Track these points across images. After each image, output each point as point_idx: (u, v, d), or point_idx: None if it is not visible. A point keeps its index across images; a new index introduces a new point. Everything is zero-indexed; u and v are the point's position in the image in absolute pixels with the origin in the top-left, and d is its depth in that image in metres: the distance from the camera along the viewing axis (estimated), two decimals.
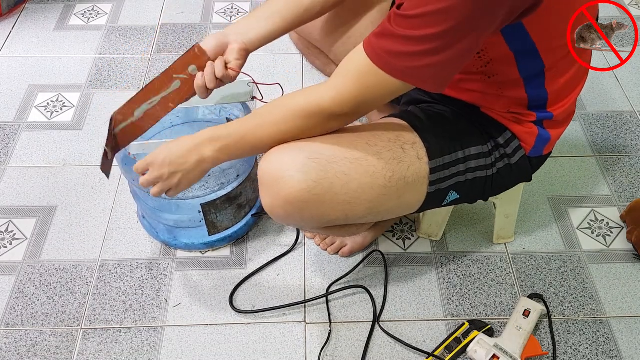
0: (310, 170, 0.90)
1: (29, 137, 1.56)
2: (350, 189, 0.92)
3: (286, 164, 0.91)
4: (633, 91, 1.72)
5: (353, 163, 0.92)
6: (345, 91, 0.87)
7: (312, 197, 0.91)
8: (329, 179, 0.91)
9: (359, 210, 0.95)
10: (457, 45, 0.79)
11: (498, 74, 0.95)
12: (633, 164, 1.51)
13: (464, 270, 1.28)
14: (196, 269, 1.28)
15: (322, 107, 0.89)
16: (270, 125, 0.93)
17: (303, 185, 0.90)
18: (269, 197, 0.93)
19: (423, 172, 0.97)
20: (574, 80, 0.99)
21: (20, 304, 1.22)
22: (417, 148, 0.97)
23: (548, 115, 1.00)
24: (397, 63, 0.82)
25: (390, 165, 0.94)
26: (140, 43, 1.85)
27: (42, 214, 1.38)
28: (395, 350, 1.15)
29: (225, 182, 1.20)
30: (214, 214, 1.24)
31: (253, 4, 2.02)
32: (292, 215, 0.94)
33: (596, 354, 1.15)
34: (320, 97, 0.89)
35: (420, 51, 0.79)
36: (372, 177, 0.93)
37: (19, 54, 1.80)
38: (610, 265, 1.30)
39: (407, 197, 0.98)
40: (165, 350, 1.15)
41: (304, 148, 0.92)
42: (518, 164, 1.04)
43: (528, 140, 1.03)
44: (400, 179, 0.95)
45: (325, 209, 0.93)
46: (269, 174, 0.92)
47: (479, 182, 1.03)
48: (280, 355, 1.14)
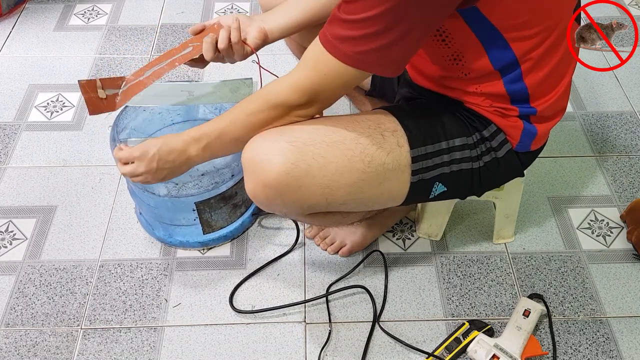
0: (288, 153, 0.91)
1: (29, 137, 1.56)
2: (327, 172, 0.93)
3: (266, 149, 0.93)
4: (633, 91, 1.72)
5: (330, 146, 0.93)
6: (301, 79, 0.90)
7: (290, 179, 0.92)
8: (306, 161, 0.92)
9: (338, 194, 0.96)
10: (399, 27, 0.80)
11: (473, 70, 0.96)
12: (633, 164, 1.51)
13: (464, 270, 1.28)
14: (196, 269, 1.28)
15: (280, 97, 0.92)
16: (242, 119, 0.96)
17: (282, 168, 0.91)
18: (251, 182, 0.95)
19: (404, 160, 0.97)
20: (555, 74, 0.98)
21: (20, 304, 1.22)
22: (397, 136, 0.98)
23: (531, 110, 1.00)
24: (345, 48, 0.84)
25: (369, 150, 0.95)
26: (140, 43, 1.85)
27: (42, 214, 1.38)
28: (395, 350, 1.15)
29: (219, 181, 1.21)
30: (208, 213, 1.24)
31: (253, 4, 2.02)
32: (273, 199, 0.96)
33: (596, 354, 1.15)
34: (279, 87, 0.93)
35: (363, 35, 0.81)
36: (349, 161, 0.94)
37: (19, 54, 1.81)
38: (610, 265, 1.30)
39: (388, 184, 0.99)
40: (165, 350, 1.15)
41: (284, 133, 0.94)
42: (505, 158, 1.04)
43: (513, 135, 1.03)
44: (379, 165, 0.95)
45: (304, 192, 0.94)
46: (250, 159, 0.95)
47: (465, 174, 1.03)
48: (280, 355, 1.14)
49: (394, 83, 1.22)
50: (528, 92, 0.97)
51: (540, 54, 0.93)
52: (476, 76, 0.97)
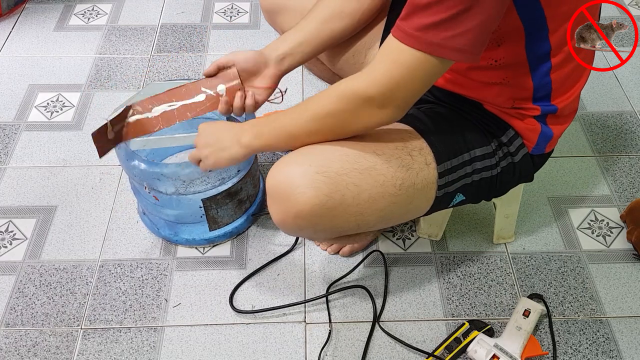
0: (321, 185, 0.89)
1: (29, 137, 1.56)
2: (361, 200, 0.92)
3: (296, 180, 0.90)
4: (633, 91, 1.72)
5: (362, 173, 0.91)
6: (379, 73, 0.84)
7: (324, 211, 0.90)
8: (340, 192, 0.90)
9: (370, 219, 0.95)
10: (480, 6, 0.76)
11: (505, 56, 0.93)
12: (633, 164, 1.51)
13: (464, 270, 1.28)
14: (196, 269, 1.28)
15: (356, 89, 0.86)
16: (306, 111, 0.93)
17: (315, 201, 0.89)
18: (280, 213, 0.93)
19: (432, 177, 0.97)
20: (577, 71, 0.98)
21: (20, 304, 1.22)
22: (424, 154, 0.96)
23: (552, 108, 0.99)
24: (431, 37, 0.79)
25: (399, 173, 0.93)
26: (140, 43, 1.85)
27: (42, 214, 1.38)
28: (395, 350, 1.15)
29: (226, 177, 1.21)
30: (214, 209, 1.25)
31: (253, 4, 2.02)
32: (304, 228, 0.95)
33: (596, 354, 1.15)
34: (354, 81, 0.87)
35: (448, 17, 0.77)
36: (382, 187, 0.92)
37: (19, 54, 1.81)
38: (610, 265, 1.30)
39: (416, 202, 0.98)
40: (165, 350, 1.15)
41: (313, 162, 0.91)
42: (521, 163, 1.04)
43: (531, 138, 1.02)
44: (410, 186, 0.95)
45: (338, 221, 0.93)
46: (279, 189, 0.92)
47: (484, 182, 1.03)
48: (280, 355, 1.14)
49: None
50: (552, 87, 0.96)
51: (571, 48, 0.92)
52: (506, 64, 0.94)
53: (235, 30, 1.91)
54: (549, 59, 0.93)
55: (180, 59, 1.79)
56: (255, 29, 1.92)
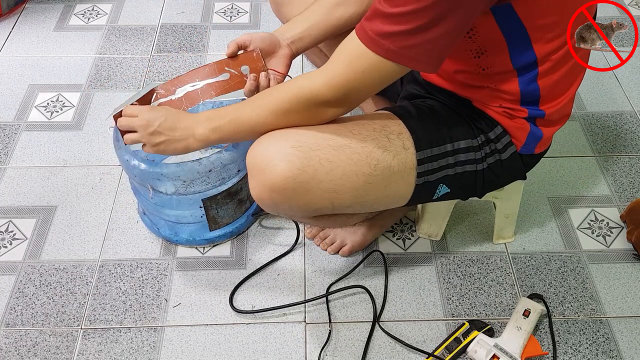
0: (294, 158, 0.91)
1: (29, 137, 1.56)
2: (334, 176, 0.93)
3: (271, 153, 0.92)
4: (633, 91, 1.72)
5: (336, 150, 0.93)
6: (336, 76, 0.88)
7: (297, 184, 0.91)
8: (313, 166, 0.91)
9: (345, 198, 0.96)
10: (447, 20, 0.79)
11: (492, 65, 0.95)
12: (633, 164, 1.51)
13: (464, 270, 1.28)
14: (196, 269, 1.28)
15: (314, 92, 0.90)
16: (264, 109, 0.95)
17: (287, 174, 0.91)
18: (256, 187, 0.95)
19: (410, 163, 0.97)
20: (567, 79, 0.99)
21: (20, 304, 1.22)
22: (403, 138, 0.97)
23: (540, 113, 1.00)
24: (388, 44, 0.82)
25: (375, 153, 0.94)
26: (140, 43, 1.85)
27: (42, 214, 1.38)
28: (395, 350, 1.15)
29: (226, 177, 1.21)
30: (215, 209, 1.25)
31: (253, 4, 2.02)
32: (279, 203, 0.95)
33: (596, 354, 1.15)
34: (312, 82, 0.90)
35: (410, 29, 0.80)
36: (356, 165, 0.93)
37: (19, 54, 1.81)
38: (610, 265, 1.30)
39: (393, 187, 0.99)
40: (165, 350, 1.15)
41: (289, 137, 0.93)
42: (509, 161, 1.04)
43: (519, 137, 1.03)
44: (385, 168, 0.95)
45: (311, 196, 0.94)
46: (255, 163, 0.94)
47: (469, 176, 1.03)
48: (280, 355, 1.14)
49: (397, 80, 1.23)
50: (540, 94, 0.97)
51: (559, 57, 0.93)
52: (493, 72, 0.96)
53: (235, 30, 1.91)
54: (536, 67, 0.94)
55: (180, 59, 1.79)
56: (255, 29, 1.92)
